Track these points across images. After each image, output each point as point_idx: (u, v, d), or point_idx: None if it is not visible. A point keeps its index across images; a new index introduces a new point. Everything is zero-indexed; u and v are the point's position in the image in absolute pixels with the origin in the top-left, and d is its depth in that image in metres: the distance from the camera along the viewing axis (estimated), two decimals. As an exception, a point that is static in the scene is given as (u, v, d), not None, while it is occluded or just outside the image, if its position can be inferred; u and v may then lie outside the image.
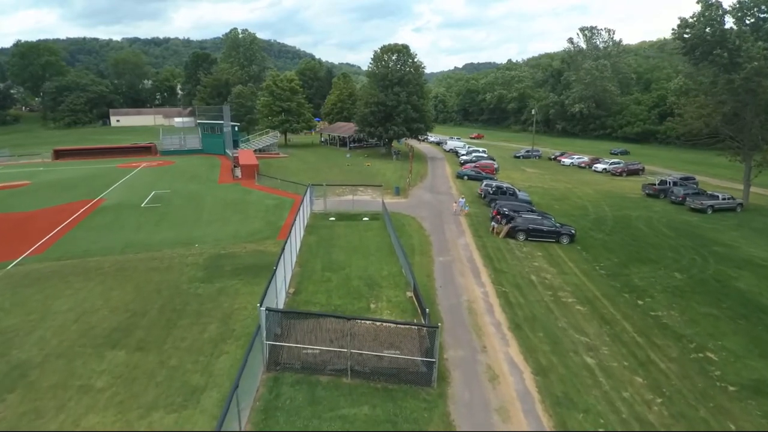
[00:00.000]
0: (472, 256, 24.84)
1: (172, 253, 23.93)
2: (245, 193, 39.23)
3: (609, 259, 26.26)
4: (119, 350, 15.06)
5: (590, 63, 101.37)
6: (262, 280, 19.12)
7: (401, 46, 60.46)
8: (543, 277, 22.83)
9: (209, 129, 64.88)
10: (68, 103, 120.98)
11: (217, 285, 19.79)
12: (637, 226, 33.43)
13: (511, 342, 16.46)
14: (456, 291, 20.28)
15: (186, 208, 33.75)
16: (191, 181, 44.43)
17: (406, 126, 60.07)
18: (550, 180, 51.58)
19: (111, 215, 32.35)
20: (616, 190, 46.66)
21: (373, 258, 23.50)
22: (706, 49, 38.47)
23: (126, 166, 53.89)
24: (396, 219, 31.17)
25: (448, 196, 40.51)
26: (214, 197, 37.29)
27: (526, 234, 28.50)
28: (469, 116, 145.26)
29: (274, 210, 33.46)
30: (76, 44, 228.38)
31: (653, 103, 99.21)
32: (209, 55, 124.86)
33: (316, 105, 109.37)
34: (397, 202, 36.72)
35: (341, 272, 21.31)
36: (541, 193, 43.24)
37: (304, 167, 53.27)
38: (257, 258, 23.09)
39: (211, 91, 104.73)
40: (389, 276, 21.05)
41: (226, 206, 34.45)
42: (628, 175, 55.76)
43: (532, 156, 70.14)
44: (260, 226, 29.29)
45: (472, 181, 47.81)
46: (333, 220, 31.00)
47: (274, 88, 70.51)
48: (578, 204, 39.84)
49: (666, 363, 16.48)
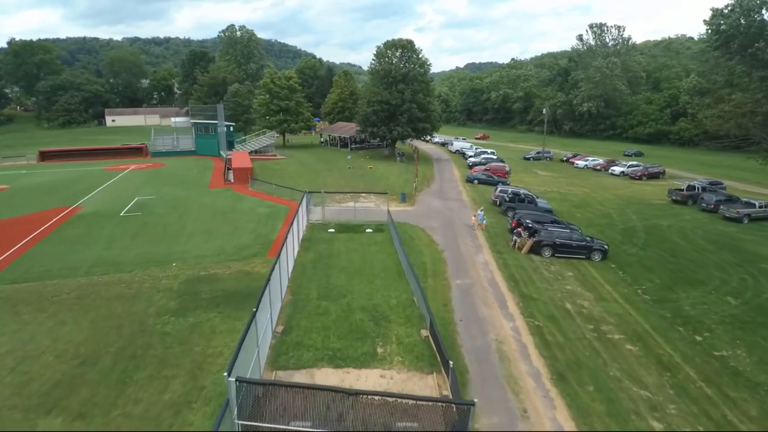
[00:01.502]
0: (494, 278, 21.36)
1: (144, 276, 20.51)
2: (236, 199, 35.80)
3: (650, 281, 22.78)
4: (55, 417, 11.65)
5: (600, 61, 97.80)
6: (244, 313, 15.73)
7: (405, 41, 56.80)
8: (580, 306, 19.36)
9: (203, 129, 61.43)
10: (62, 102, 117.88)
11: (191, 319, 16.36)
12: (671, 239, 29.94)
13: (557, 401, 13.00)
14: (481, 326, 16.82)
15: (169, 217, 30.32)
16: (180, 185, 41.02)
17: (410, 126, 56.47)
18: (565, 184, 48.03)
19: (85, 226, 28.93)
20: (638, 196, 43.13)
21: (379, 281, 20.07)
22: (743, 42, 34.94)
23: (113, 169, 50.52)
24: (403, 230, 27.74)
25: (459, 202, 37.01)
26: (202, 204, 33.85)
27: (552, 250, 25.04)
28: (472, 116, 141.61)
29: (266, 220, 30.00)
30: (76, 44, 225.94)
31: (665, 102, 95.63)
32: (206, 53, 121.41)
33: (316, 104, 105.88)
34: (403, 211, 33.26)
35: (341, 301, 17.87)
36: (558, 200, 39.73)
37: (303, 170, 49.85)
38: (242, 282, 19.66)
39: (208, 90, 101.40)
40: (399, 306, 17.60)
41: (213, 215, 31.00)
42: (649, 178, 52.14)
43: (543, 157, 66.53)
44: (249, 240, 25.83)
45: (483, 185, 44.30)
46: (332, 232, 27.57)
47: (272, 87, 67.00)
48: (601, 212, 36.34)
49: (746, 424, 13.12)
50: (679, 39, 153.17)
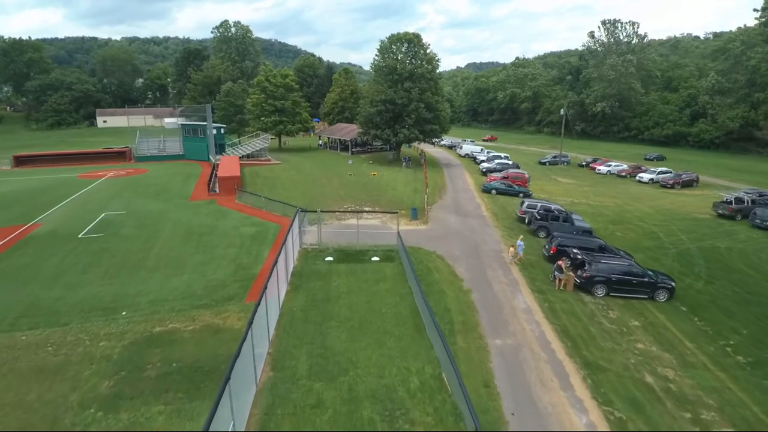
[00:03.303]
0: (544, 335, 16.25)
1: (81, 333, 15.47)
2: (219, 215, 30.70)
3: (736, 331, 17.74)
4: None
5: (615, 58, 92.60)
6: (202, 404, 10.75)
7: (412, 35, 51.54)
8: (663, 377, 14.32)
9: (191, 131, 56.32)
10: (51, 102, 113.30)
11: (124, 417, 11.32)
12: (737, 267, 24.86)
13: None
14: (543, 423, 11.75)
15: (134, 241, 25.25)
16: (157, 197, 35.96)
17: (418, 128, 51.30)
18: (592, 194, 42.91)
19: (33, 252, 23.88)
20: (678, 208, 38.04)
21: (392, 341, 15.03)
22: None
23: (89, 176, 45.50)
24: (417, 258, 22.70)
25: (479, 219, 31.85)
26: (177, 223, 28.75)
27: (606, 287, 20.00)
28: (477, 116, 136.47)
29: (251, 244, 24.89)
30: (74, 43, 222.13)
31: (683, 102, 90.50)
32: (201, 51, 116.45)
33: (315, 104, 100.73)
34: (415, 231, 28.19)
35: (341, 381, 12.81)
36: (590, 214, 34.63)
37: (298, 177, 44.79)
38: (207, 346, 14.60)
39: (202, 90, 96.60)
40: (423, 390, 12.55)
41: (188, 238, 25.89)
42: (682, 187, 47.02)
43: (560, 162, 61.38)
44: (226, 274, 20.71)
45: (502, 196, 39.17)
46: (330, 261, 22.53)
47: (267, 85, 61.83)
48: (644, 230, 31.26)
49: None
50: (686, 38, 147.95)
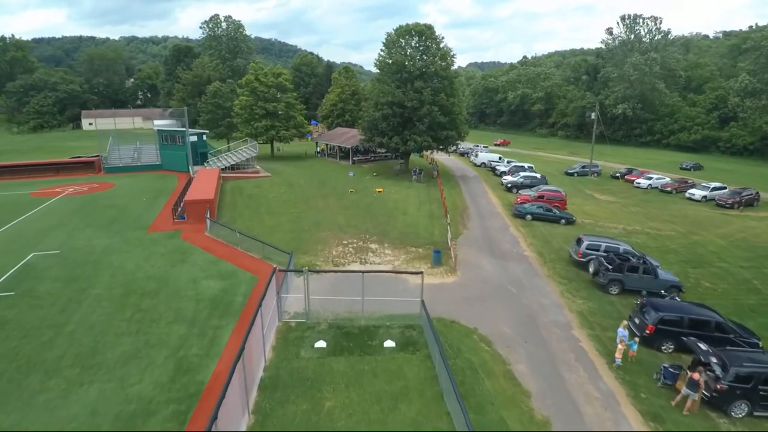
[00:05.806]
0: None
1: None
2: (178, 257, 23.29)
3: None
4: None
5: (637, 57, 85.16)
6: None
7: (423, 26, 44.08)
8: None
9: (168, 138, 48.98)
10: (34, 104, 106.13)
11: None
12: None
13: None
14: None
15: (48, 308, 17.87)
16: (109, 226, 28.57)
17: (431, 135, 43.93)
18: (643, 217, 35.42)
19: None
20: (754, 239, 30.63)
21: None
22: None
23: (44, 193, 38.21)
24: (452, 343, 15.41)
25: (523, 263, 24.15)
26: (118, 271, 21.35)
27: (750, 404, 12.74)
28: (485, 118, 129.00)
29: (208, 316, 17.38)
30: (72, 43, 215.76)
31: (711, 104, 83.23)
32: (192, 49, 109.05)
33: (314, 106, 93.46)
34: (441, 285, 20.74)
35: None
36: (653, 249, 27.23)
37: (289, 196, 37.42)
38: None
39: (191, 90, 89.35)
40: None
41: (123, 301, 18.45)
42: (744, 206, 39.59)
43: (590, 173, 53.89)
44: (157, 385, 13.10)
45: (540, 222, 31.70)
46: (322, 350, 15.18)
47: (257, 85, 54.47)
48: (732, 275, 23.84)
49: None
50: (696, 38, 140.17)
